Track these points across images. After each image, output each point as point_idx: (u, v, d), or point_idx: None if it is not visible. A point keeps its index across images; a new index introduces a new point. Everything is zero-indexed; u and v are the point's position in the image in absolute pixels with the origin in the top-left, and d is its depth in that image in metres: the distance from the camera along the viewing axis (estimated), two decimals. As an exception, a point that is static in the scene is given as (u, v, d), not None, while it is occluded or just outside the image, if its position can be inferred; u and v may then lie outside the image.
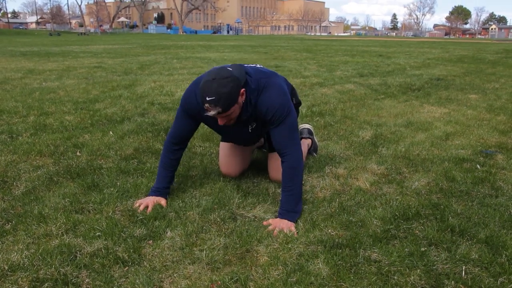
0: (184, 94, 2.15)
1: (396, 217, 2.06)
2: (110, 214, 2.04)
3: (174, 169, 2.28)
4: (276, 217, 2.03)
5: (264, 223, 2.00)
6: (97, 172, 2.61)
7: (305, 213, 2.10)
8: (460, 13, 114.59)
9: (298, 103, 2.43)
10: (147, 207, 2.10)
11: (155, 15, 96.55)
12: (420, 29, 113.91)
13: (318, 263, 1.65)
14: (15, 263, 1.61)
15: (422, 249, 1.78)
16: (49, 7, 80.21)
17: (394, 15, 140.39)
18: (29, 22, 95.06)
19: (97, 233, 1.84)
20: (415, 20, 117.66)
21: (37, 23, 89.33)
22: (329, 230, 1.92)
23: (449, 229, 1.94)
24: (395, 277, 1.58)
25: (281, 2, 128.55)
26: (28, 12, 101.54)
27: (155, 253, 1.72)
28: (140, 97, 5.29)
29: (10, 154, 2.91)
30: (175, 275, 1.58)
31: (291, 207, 2.01)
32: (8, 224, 1.94)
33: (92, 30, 69.50)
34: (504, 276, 1.60)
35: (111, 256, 1.68)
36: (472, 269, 1.65)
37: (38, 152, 2.94)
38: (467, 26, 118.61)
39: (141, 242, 1.80)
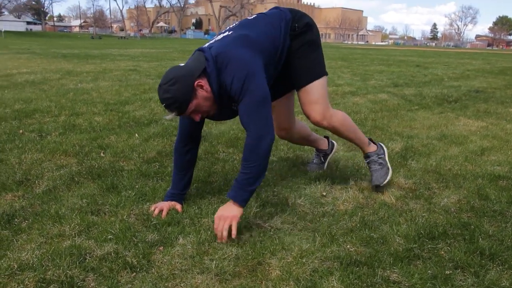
0: None
1: (420, 235, 1.94)
2: (124, 217, 2.01)
3: (188, 172, 2.20)
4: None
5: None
6: (118, 174, 2.61)
7: (324, 226, 2.01)
8: (505, 24, 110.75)
9: (304, 25, 2.19)
10: (162, 211, 2.06)
11: (193, 20, 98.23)
12: (461, 39, 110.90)
13: (333, 280, 1.56)
14: (24, 263, 1.60)
15: (447, 272, 1.66)
16: (92, 11, 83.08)
17: (434, 25, 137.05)
18: (73, 26, 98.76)
19: (109, 236, 1.81)
20: (456, 31, 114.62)
21: (80, 26, 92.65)
22: (348, 246, 1.83)
23: (478, 252, 1.80)
24: (415, 301, 1.48)
25: (318, 9, 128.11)
26: (73, 16, 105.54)
27: (165, 260, 1.68)
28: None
29: (36, 153, 2.95)
30: (182, 284, 1.53)
31: (243, 185, 1.89)
32: (25, 222, 1.95)
33: (132, 34, 71.39)
34: (537, 307, 1.46)
35: (120, 260, 1.64)
36: (501, 298, 1.52)
37: (63, 152, 2.97)
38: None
39: (152, 248, 1.76)
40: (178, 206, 2.12)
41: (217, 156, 3.07)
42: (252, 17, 2.21)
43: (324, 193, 2.43)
